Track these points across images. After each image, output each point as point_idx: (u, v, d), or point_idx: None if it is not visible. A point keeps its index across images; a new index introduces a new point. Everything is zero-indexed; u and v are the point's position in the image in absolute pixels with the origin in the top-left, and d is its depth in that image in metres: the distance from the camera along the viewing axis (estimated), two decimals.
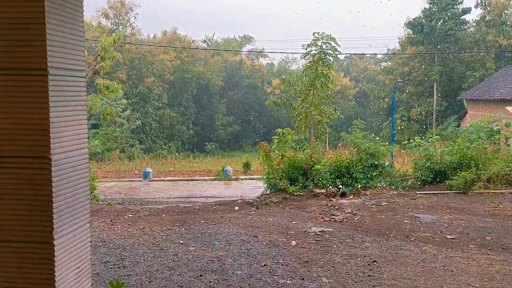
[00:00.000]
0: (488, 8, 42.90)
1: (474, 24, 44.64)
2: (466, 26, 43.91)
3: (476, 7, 44.15)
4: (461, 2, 42.72)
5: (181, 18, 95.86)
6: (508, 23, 41.95)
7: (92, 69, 12.31)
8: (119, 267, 6.03)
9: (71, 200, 2.06)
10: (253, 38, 73.57)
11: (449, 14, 41.67)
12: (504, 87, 27.67)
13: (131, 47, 45.83)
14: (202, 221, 8.99)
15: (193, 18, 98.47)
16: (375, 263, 6.14)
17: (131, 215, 9.63)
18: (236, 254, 6.60)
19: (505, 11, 42.55)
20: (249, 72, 59.85)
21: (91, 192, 12.65)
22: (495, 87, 29.26)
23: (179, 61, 51.20)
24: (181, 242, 7.30)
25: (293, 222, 8.81)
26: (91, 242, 7.08)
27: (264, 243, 7.19)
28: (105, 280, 5.52)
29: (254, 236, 7.67)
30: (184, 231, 8.10)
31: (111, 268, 6.01)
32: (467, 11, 42.79)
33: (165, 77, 49.69)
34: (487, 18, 42.60)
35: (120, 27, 48.43)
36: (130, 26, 49.17)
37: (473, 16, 44.60)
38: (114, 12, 47.82)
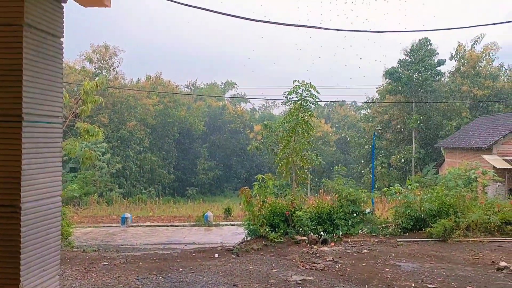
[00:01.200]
0: (462, 60, 44.71)
1: (449, 75, 46.37)
2: (441, 77, 45.56)
3: (450, 59, 46.05)
4: (437, 54, 44.54)
5: (165, 64, 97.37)
6: (482, 74, 43.65)
7: (73, 112, 12.25)
8: None
9: (41, 251, 1.98)
10: (235, 84, 74.87)
11: (425, 65, 43.29)
12: (479, 136, 28.46)
13: (114, 91, 46.02)
14: (180, 269, 8.74)
15: (178, 63, 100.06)
16: None
17: (106, 263, 9.32)
18: None
19: (479, 63, 44.37)
20: (232, 117, 60.44)
21: (66, 239, 12.27)
22: (471, 135, 30.08)
23: (162, 105, 51.48)
24: None
25: (274, 270, 8.63)
26: None
27: None
28: None
29: (234, 285, 7.46)
30: (161, 280, 7.85)
31: None
32: (442, 62, 44.59)
33: (147, 121, 49.72)
34: (461, 70, 44.33)
35: (103, 71, 48.77)
36: (114, 70, 49.60)
37: (448, 67, 46.30)
38: (98, 56, 48.29)
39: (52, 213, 2.10)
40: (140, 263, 9.41)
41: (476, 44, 45.03)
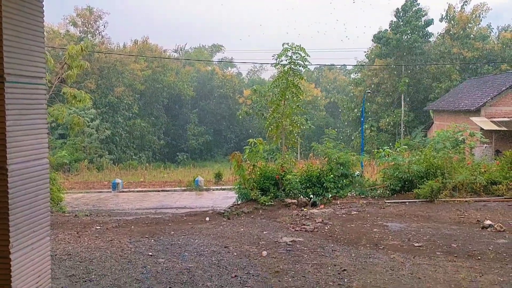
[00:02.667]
0: (453, 22, 44.37)
1: (439, 37, 46.08)
2: (429, 38, 45.24)
3: (440, 20, 45.65)
4: (425, 15, 44.01)
5: (152, 28, 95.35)
6: (471, 36, 43.47)
7: (59, 77, 12.01)
8: (85, 281, 5.85)
9: (30, 212, 1.98)
10: (222, 47, 73.85)
11: (413, 26, 42.87)
12: (468, 98, 28.60)
13: (101, 56, 45.15)
14: (172, 232, 8.86)
15: (165, 27, 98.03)
16: (345, 272, 6.17)
17: (98, 227, 9.40)
18: (207, 265, 6.51)
19: (469, 25, 44.11)
20: (221, 82, 59.87)
21: (57, 204, 12.31)
22: (460, 98, 30.22)
23: (150, 70, 50.74)
24: (150, 254, 7.16)
25: (264, 232, 8.77)
26: (55, 255, 6.84)
27: (235, 254, 7.13)
28: None
29: (225, 247, 7.59)
30: (154, 243, 7.95)
31: (76, 282, 5.83)
32: (429, 22, 44.10)
33: (136, 87, 49.11)
34: (451, 31, 44.05)
35: (89, 35, 47.65)
36: (99, 35, 48.49)
37: (438, 29, 46.07)
38: (82, 20, 47.05)
39: (39, 175, 2.09)
40: (132, 227, 9.51)
41: (466, 4, 44.69)
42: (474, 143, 19.34)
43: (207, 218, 10.55)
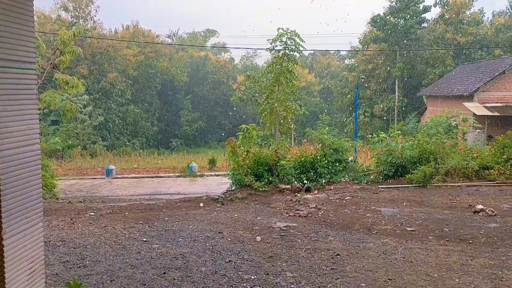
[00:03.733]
0: (446, 7, 44.26)
1: (433, 22, 45.98)
2: (426, 24, 45.15)
3: (434, 5, 45.49)
4: (423, 1, 43.83)
5: (145, 13, 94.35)
6: (465, 21, 43.41)
7: (51, 63, 11.87)
8: (79, 267, 5.87)
9: (22, 198, 1.96)
10: (216, 31, 73.29)
11: (410, 12, 42.70)
12: (462, 84, 28.67)
13: (93, 41, 44.67)
14: (166, 218, 8.87)
15: (158, 12, 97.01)
16: (338, 256, 6.23)
17: (92, 213, 9.39)
18: (201, 250, 6.55)
19: (463, 10, 44.01)
20: (214, 68, 59.54)
21: (50, 190, 12.28)
22: (453, 83, 30.28)
23: (143, 56, 50.32)
24: (144, 239, 7.18)
25: (258, 218, 8.82)
26: (49, 241, 6.82)
27: (229, 239, 7.16)
28: (64, 281, 5.36)
29: (219, 233, 7.63)
30: (148, 229, 7.97)
31: (70, 268, 5.84)
32: (427, 9, 43.95)
33: (129, 73, 48.74)
34: (445, 17, 43.96)
35: (80, 20, 47.05)
36: (91, 19, 47.88)
37: (433, 14, 45.87)
38: (73, 4, 46.40)
39: (31, 161, 2.07)
40: (126, 213, 9.51)
41: None
42: (467, 129, 19.45)
43: (201, 204, 10.57)
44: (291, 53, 13.57)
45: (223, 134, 54.37)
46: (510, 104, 24.55)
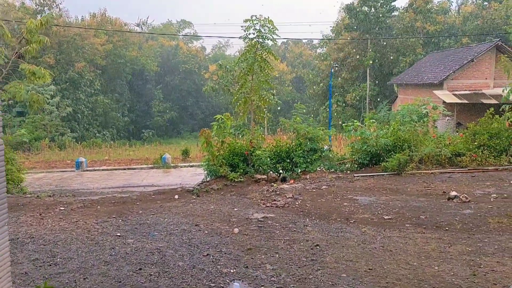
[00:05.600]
0: None
1: (403, 11, 46.48)
2: (396, 12, 45.58)
3: None
4: None
5: (113, 1, 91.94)
6: (433, 9, 44.05)
7: (16, 52, 11.31)
8: (50, 265, 5.60)
9: None
10: (191, 23, 72.33)
11: (381, 0, 42.97)
12: (431, 72, 29.12)
13: (59, 29, 43.21)
14: (140, 212, 8.63)
15: (126, 1, 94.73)
16: (318, 247, 6.15)
17: (62, 208, 9.05)
18: (177, 244, 6.36)
19: None
20: (186, 57, 58.78)
21: (17, 185, 11.79)
22: (423, 72, 30.73)
23: (111, 45, 49.12)
24: (118, 234, 6.94)
25: (235, 209, 8.68)
26: (17, 238, 6.49)
27: (206, 232, 7.00)
28: (35, 280, 5.10)
29: (196, 225, 7.45)
30: (121, 223, 7.72)
31: (40, 266, 5.57)
32: None
33: (97, 62, 47.51)
34: (414, 5, 44.51)
35: (45, 8, 45.41)
36: (57, 7, 46.28)
37: (402, 3, 46.39)
38: None
39: None
40: (98, 207, 9.22)
41: None
42: (437, 116, 19.79)
43: (176, 196, 10.36)
44: (265, 41, 13.36)
45: (195, 125, 53.90)
46: (478, 92, 25.10)
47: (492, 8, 42.10)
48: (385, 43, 43.60)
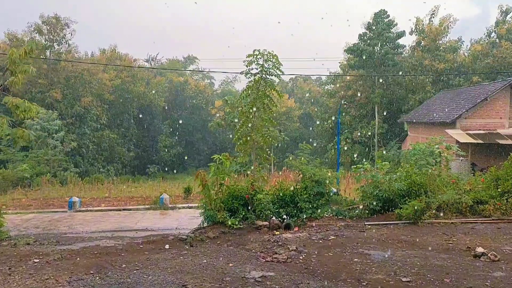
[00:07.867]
0: (422, 34, 44.54)
1: (410, 49, 46.18)
2: (402, 49, 45.22)
3: (411, 33, 45.74)
4: (395, 25, 43.82)
5: (121, 37, 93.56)
6: (441, 48, 43.65)
7: (1, 85, 10.62)
8: None
9: None
10: (197, 59, 72.85)
11: (384, 38, 42.68)
12: (442, 110, 28.24)
13: (67, 64, 43.27)
14: (123, 265, 7.61)
15: (136, 37, 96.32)
16: None
17: (37, 260, 8.05)
18: None
19: (439, 37, 44.35)
20: (193, 92, 58.76)
21: None
22: (434, 110, 29.86)
23: (119, 80, 49.12)
24: None
25: (230, 265, 7.62)
26: None
27: None
28: None
29: (183, 286, 6.42)
30: (98, 282, 6.69)
31: None
32: (401, 35, 43.85)
33: (104, 97, 47.38)
34: (422, 44, 44.19)
35: (55, 44, 45.69)
36: (66, 43, 46.53)
37: (409, 41, 46.14)
38: (48, 27, 45.05)
39: None
40: (78, 258, 8.20)
41: (433, 17, 45.07)
42: (451, 156, 18.71)
43: (167, 246, 9.33)
44: (269, 77, 12.57)
45: (201, 160, 53.17)
46: (493, 132, 24.08)
47: (503, 46, 41.57)
48: (393, 81, 42.99)
